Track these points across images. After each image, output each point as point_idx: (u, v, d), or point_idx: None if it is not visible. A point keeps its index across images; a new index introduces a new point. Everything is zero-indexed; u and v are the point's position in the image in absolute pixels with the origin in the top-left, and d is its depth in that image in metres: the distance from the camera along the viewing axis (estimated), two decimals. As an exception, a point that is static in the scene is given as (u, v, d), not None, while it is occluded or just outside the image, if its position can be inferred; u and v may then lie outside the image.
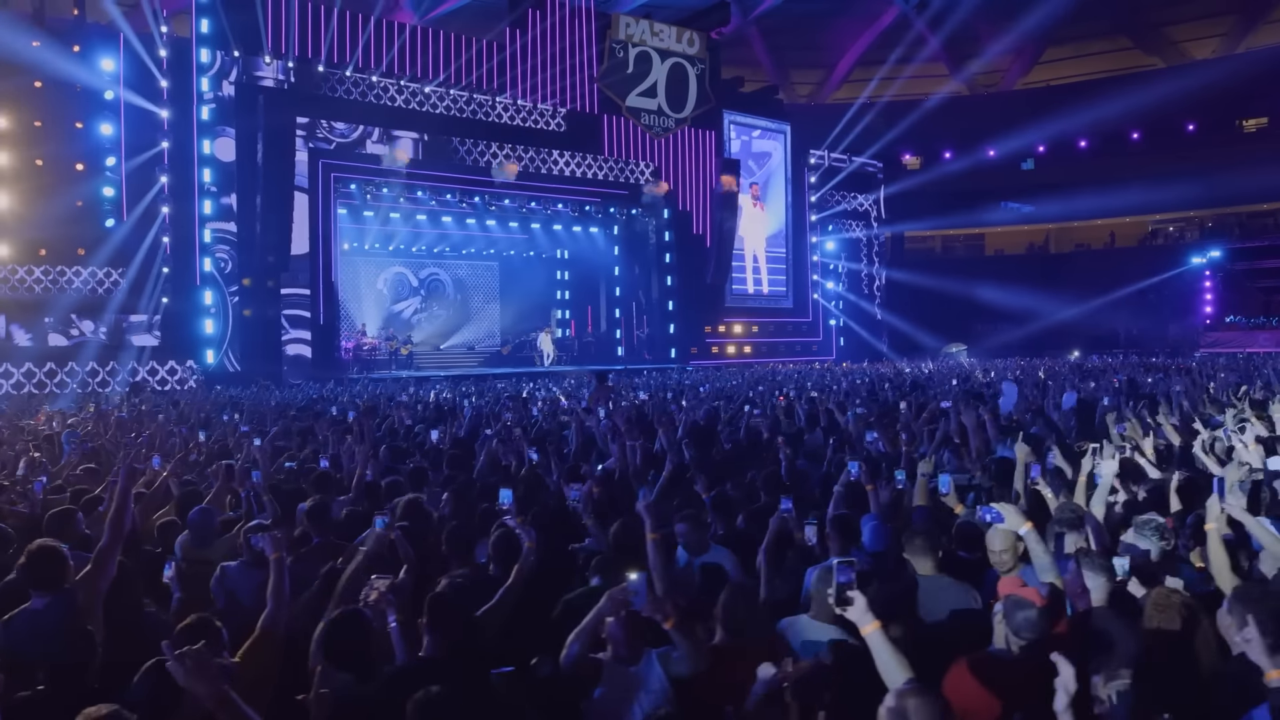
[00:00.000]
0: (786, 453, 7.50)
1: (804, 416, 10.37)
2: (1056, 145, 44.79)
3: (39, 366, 21.37)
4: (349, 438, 8.83)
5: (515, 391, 17.35)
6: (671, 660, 3.52)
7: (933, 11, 45.35)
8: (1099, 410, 9.73)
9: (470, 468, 8.10)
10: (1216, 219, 42.64)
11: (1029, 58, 50.04)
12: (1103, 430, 8.11)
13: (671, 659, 3.53)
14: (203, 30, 22.99)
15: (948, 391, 13.46)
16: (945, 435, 8.18)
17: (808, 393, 14.01)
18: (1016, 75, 50.82)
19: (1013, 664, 3.26)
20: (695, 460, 7.56)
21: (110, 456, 8.80)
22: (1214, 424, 8.79)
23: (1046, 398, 12.11)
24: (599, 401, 14.06)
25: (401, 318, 31.82)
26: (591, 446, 9.34)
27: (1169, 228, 44.56)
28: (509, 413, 11.83)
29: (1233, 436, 7.22)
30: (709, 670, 3.51)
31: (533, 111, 27.93)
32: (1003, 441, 7.71)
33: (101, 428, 11.56)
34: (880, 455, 7.78)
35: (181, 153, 23.01)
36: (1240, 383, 13.82)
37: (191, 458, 8.64)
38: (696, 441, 8.36)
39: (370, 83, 25.48)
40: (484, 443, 8.63)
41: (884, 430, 8.46)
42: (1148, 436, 7.75)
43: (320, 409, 13.68)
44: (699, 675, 3.50)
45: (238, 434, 10.45)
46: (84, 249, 21.97)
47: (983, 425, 8.00)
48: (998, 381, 14.57)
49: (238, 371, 23.38)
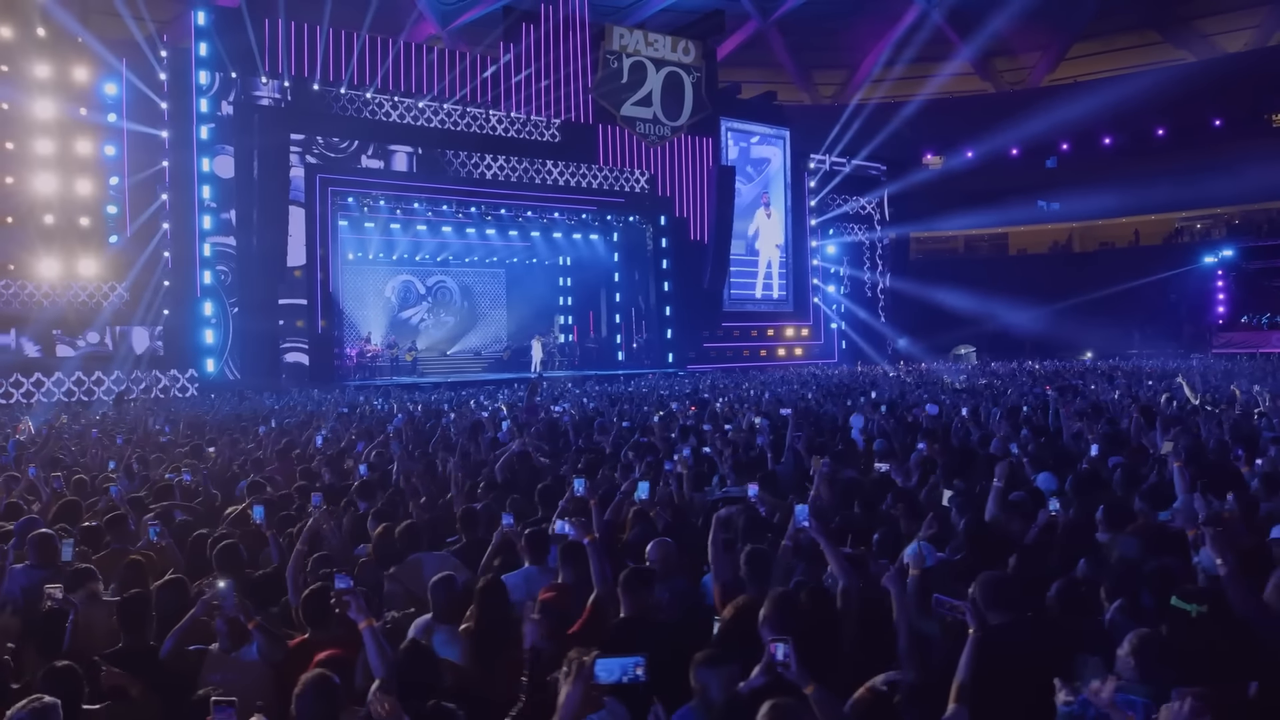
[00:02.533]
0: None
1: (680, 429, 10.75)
2: (1081, 142, 44.09)
3: (47, 376, 22.57)
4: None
5: (449, 401, 18.03)
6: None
7: (956, 10, 45.03)
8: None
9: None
10: (1244, 216, 41.60)
11: (1055, 54, 49.34)
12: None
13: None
14: (201, 53, 24.01)
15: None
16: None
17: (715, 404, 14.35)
18: (1043, 72, 50.11)
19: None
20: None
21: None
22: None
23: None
24: (527, 411, 14.62)
25: (409, 325, 32.71)
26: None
27: (1196, 224, 43.55)
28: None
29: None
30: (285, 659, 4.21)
31: (527, 123, 28.55)
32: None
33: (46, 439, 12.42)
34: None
35: (182, 170, 24.08)
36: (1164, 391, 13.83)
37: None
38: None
39: (365, 99, 26.33)
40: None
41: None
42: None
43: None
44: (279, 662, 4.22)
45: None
46: (88, 264, 23.16)
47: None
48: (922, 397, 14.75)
49: (237, 380, 24.41)
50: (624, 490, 6.66)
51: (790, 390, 18.09)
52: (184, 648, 4.31)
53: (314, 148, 25.67)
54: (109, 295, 23.49)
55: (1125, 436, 9.16)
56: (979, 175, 43.06)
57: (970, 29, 45.24)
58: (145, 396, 22.49)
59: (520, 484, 7.84)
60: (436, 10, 41.29)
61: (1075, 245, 46.29)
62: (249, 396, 21.24)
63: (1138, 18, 46.11)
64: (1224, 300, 36.43)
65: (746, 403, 14.46)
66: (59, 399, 22.04)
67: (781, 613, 3.87)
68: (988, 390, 16.98)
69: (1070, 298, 36.67)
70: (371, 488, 7.64)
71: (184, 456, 10.29)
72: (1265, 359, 27.67)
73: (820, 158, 35.31)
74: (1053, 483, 7.03)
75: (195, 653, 4.33)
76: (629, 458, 8.32)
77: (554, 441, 10.91)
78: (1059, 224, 45.71)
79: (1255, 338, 33.01)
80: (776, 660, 3.31)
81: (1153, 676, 3.40)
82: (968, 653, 3.56)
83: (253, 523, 5.86)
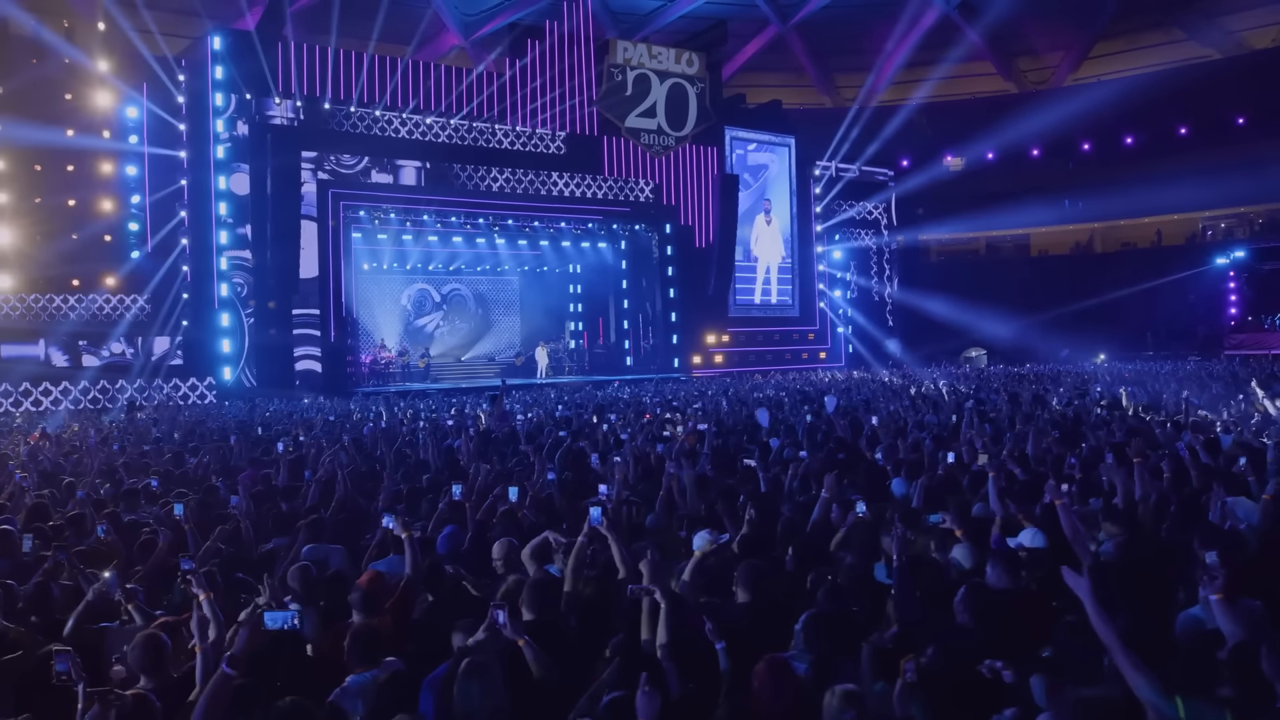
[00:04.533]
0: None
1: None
2: (1103, 141, 43.81)
3: (74, 385, 23.95)
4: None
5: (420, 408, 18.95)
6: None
7: (977, 10, 45.00)
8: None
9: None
10: (1269, 214, 41.03)
11: (1078, 53, 48.98)
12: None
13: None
14: (217, 76, 25.24)
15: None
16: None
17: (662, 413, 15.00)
18: (1066, 71, 49.77)
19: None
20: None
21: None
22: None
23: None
24: (496, 419, 15.42)
25: (424, 331, 33.78)
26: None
27: (1220, 224, 43.02)
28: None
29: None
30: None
31: (532, 136, 29.42)
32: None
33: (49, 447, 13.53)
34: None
35: (199, 188, 25.33)
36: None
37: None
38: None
39: (374, 116, 27.39)
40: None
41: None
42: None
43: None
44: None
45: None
46: (112, 278, 24.53)
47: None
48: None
49: (253, 387, 25.61)
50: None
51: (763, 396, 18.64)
52: (83, 626, 5.14)
53: (325, 164, 26.80)
54: (131, 307, 24.83)
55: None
56: (1001, 176, 43.02)
57: (992, 29, 45.17)
58: (163, 403, 23.70)
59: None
60: (459, 21, 42.39)
61: (1097, 246, 45.95)
62: (259, 404, 22.35)
63: (1162, 14, 45.63)
64: (1236, 301, 36.06)
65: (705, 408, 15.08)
66: (85, 406, 23.42)
67: (535, 591, 4.87)
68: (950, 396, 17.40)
69: (1089, 299, 36.58)
70: (292, 491, 8.54)
71: (167, 464, 11.29)
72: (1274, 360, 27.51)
73: (825, 164, 35.71)
74: (903, 488, 7.71)
75: (96, 630, 5.17)
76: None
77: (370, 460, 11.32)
78: (1080, 225, 45.42)
79: (1267, 339, 32.70)
80: (498, 623, 4.25)
81: (815, 648, 4.25)
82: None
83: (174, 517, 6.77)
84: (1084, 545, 5.32)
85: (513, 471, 9.16)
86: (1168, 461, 7.51)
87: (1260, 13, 43.97)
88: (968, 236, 47.29)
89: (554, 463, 9.37)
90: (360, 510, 8.17)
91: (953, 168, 46.63)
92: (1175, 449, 8.16)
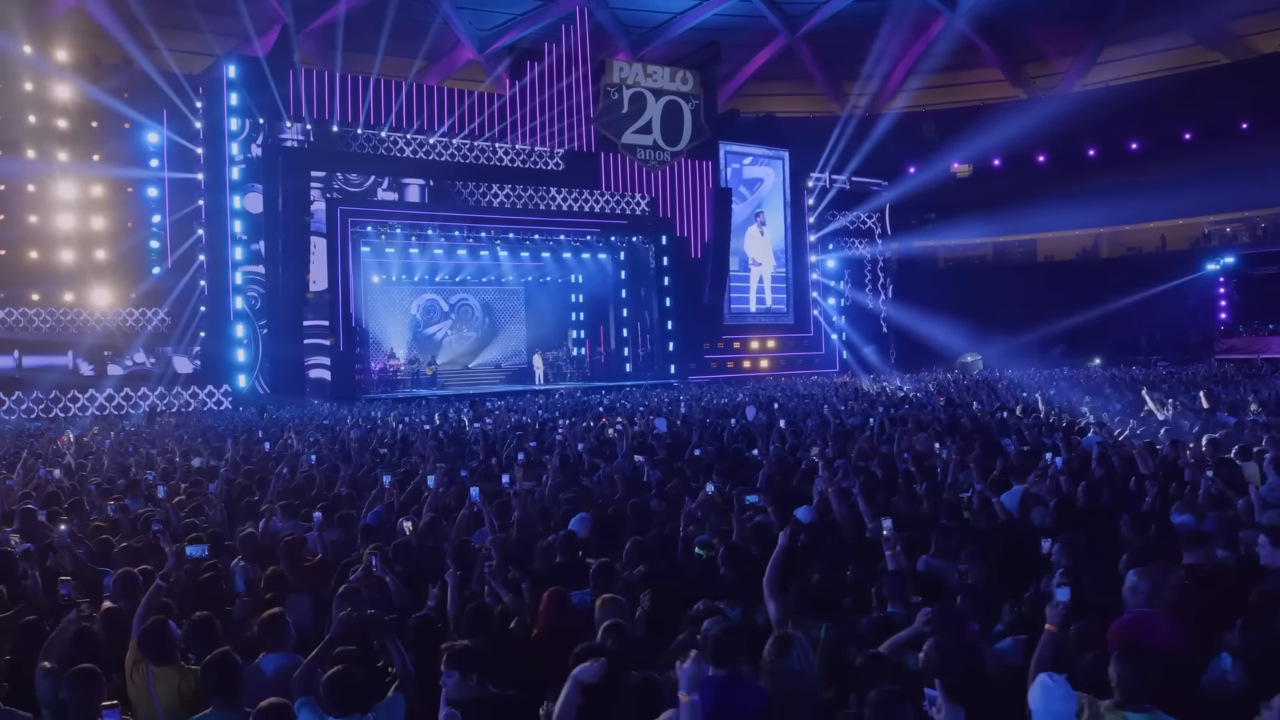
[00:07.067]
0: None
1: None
2: (1108, 146, 44.21)
3: (99, 392, 25.75)
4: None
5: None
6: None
7: (985, 18, 45.63)
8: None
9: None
10: (1272, 219, 41.22)
11: (1087, 58, 49.32)
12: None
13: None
14: (232, 103, 26.91)
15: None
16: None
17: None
18: (1075, 77, 50.12)
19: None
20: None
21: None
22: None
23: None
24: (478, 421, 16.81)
25: (434, 340, 35.29)
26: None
27: (1225, 228, 43.24)
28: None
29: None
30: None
31: (532, 153, 30.81)
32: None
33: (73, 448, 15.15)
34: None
35: (216, 208, 27.02)
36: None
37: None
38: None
39: (380, 137, 28.94)
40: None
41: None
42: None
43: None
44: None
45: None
46: (134, 292, 26.36)
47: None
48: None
49: (267, 394, 27.24)
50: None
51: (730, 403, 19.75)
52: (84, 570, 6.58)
53: (334, 183, 28.37)
54: (151, 320, 26.60)
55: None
56: (1007, 182, 43.57)
57: (1000, 36, 45.78)
58: (183, 410, 25.42)
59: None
60: (474, 37, 43.95)
61: (1102, 251, 46.33)
62: (268, 410, 23.93)
63: (1172, 20, 45.86)
64: (1226, 307, 36.44)
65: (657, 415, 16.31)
66: (110, 413, 25.20)
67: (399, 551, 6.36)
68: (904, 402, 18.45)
69: (1093, 304, 37.07)
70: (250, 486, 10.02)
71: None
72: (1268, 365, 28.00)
73: (819, 175, 36.68)
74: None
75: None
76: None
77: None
78: (1086, 230, 45.80)
79: (1256, 344, 33.12)
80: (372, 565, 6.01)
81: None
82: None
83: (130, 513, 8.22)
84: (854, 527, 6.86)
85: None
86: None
87: (1268, 17, 44.11)
88: (975, 242, 47.86)
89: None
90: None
91: (960, 174, 47.30)
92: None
